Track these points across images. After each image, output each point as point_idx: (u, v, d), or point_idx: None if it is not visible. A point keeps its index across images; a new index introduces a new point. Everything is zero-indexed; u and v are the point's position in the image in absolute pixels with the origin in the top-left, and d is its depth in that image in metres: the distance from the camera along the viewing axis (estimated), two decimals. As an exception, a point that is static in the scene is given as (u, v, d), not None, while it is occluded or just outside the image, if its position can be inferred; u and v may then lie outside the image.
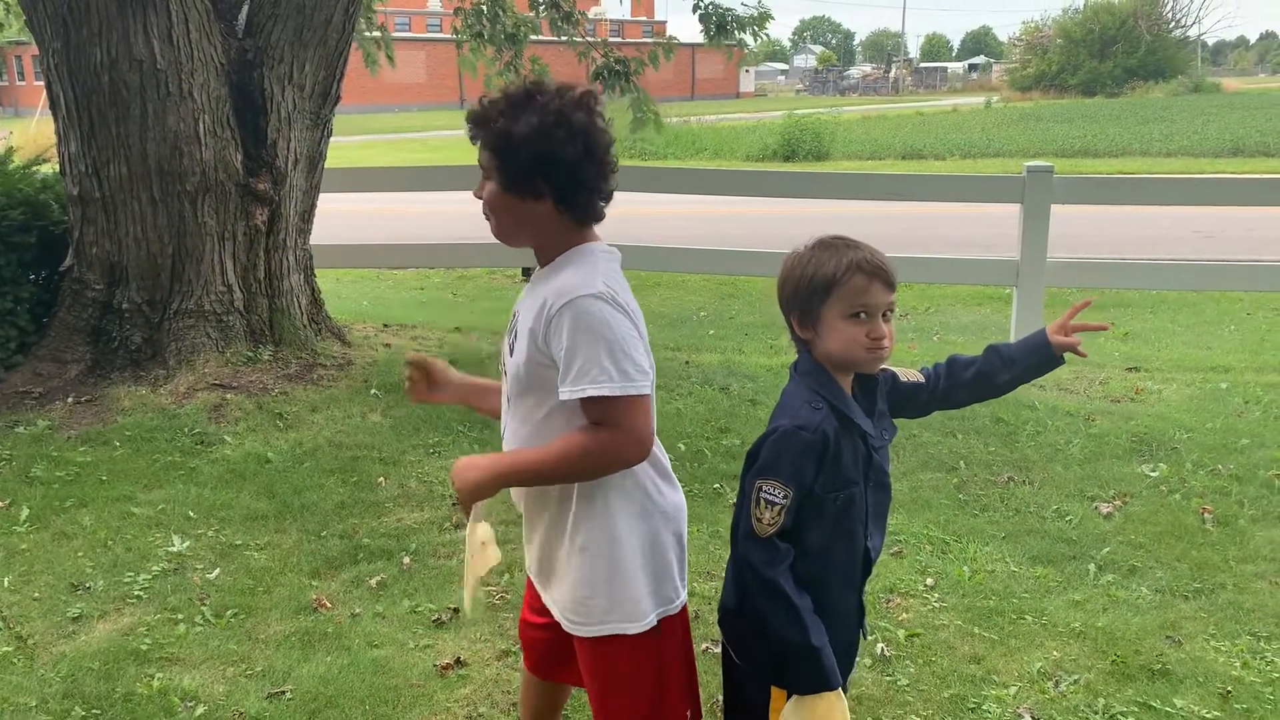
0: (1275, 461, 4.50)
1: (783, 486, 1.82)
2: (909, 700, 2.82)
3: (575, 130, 1.80)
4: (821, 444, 1.82)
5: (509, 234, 1.93)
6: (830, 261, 1.84)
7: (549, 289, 1.82)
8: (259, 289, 5.49)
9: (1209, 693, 2.85)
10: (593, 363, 1.75)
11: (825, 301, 1.84)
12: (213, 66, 5.19)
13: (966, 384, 2.09)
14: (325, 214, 6.11)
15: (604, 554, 1.91)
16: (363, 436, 4.69)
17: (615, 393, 1.75)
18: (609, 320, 1.77)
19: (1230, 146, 22.16)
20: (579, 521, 1.91)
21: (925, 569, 3.58)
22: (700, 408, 5.22)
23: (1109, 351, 6.73)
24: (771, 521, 1.82)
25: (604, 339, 1.76)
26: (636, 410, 1.79)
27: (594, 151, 1.82)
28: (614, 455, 1.82)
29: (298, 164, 5.60)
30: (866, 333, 1.83)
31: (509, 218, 1.89)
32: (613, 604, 1.92)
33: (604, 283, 1.80)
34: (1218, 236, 10.85)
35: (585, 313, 1.76)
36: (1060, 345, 2.07)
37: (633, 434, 1.80)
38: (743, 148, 23.79)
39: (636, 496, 1.92)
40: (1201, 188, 7.81)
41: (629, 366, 1.77)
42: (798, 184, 7.49)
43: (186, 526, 3.83)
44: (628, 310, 1.81)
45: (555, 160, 1.79)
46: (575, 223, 1.88)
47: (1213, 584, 3.48)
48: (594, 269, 1.84)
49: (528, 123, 1.79)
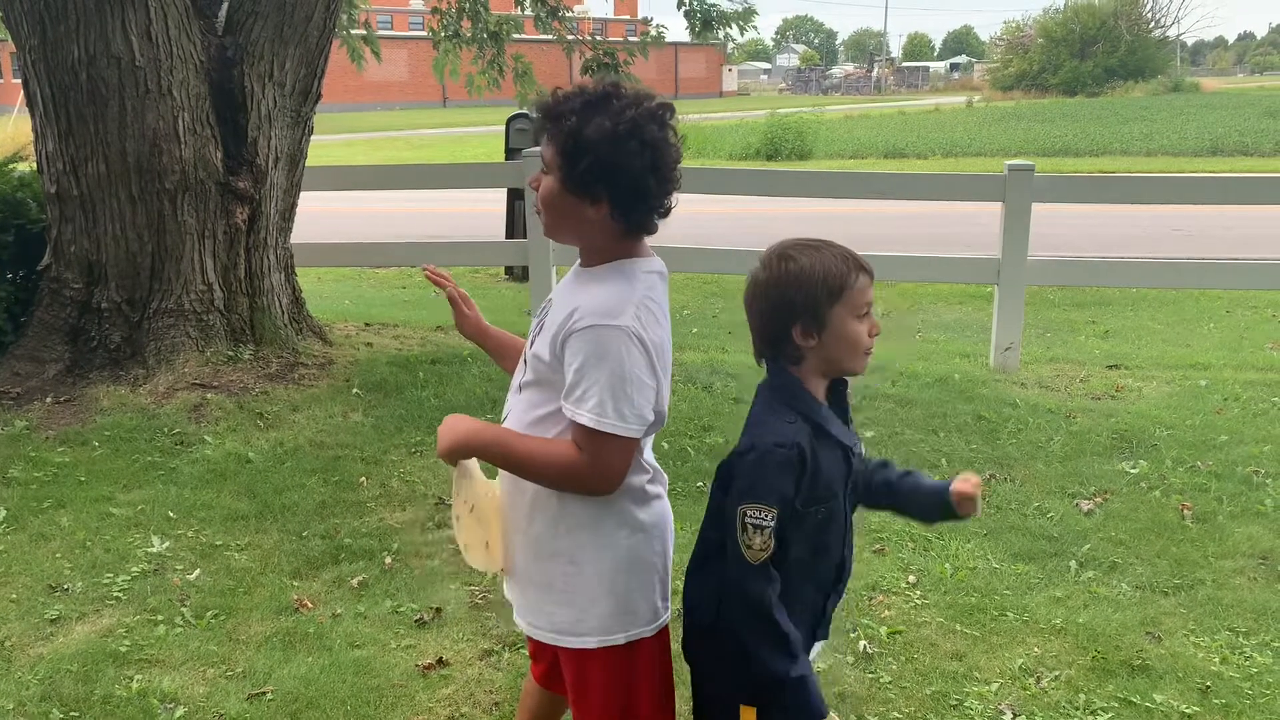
0: (1254, 458, 4.53)
1: (768, 508, 1.77)
2: (891, 697, 2.83)
3: (646, 143, 1.75)
4: (799, 459, 1.78)
5: (559, 231, 1.88)
6: (833, 264, 1.81)
7: (584, 300, 1.79)
8: (239, 288, 5.46)
9: (1188, 688, 2.87)
10: (593, 393, 1.74)
11: (836, 304, 1.80)
12: (192, 64, 5.15)
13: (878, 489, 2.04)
14: (307, 213, 6.08)
15: (580, 564, 1.89)
16: (344, 436, 4.66)
17: (602, 429, 1.75)
18: (623, 357, 1.74)
19: (1209, 146, 22.32)
20: (552, 527, 1.89)
21: (907, 566, 3.59)
22: (683, 406, 5.21)
23: (1089, 349, 6.77)
24: (763, 546, 1.77)
25: (612, 374, 1.74)
26: (616, 451, 1.78)
27: (660, 167, 1.78)
28: (579, 481, 1.81)
29: (278, 162, 5.57)
30: (868, 331, 1.83)
31: (562, 217, 1.84)
32: (581, 617, 1.90)
33: (634, 314, 1.76)
34: (1197, 235, 10.93)
35: (601, 343, 1.74)
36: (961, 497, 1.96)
37: (602, 471, 1.80)
38: (726, 147, 23.81)
39: (623, 510, 1.89)
40: (1181, 186, 7.85)
41: (626, 408, 1.75)
42: (781, 183, 7.50)
43: (166, 527, 3.81)
44: (649, 349, 1.77)
45: (621, 170, 1.75)
46: (626, 231, 1.83)
47: (1192, 580, 3.50)
48: (630, 293, 1.79)
49: (600, 127, 1.73)
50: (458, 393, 5.21)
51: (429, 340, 6.24)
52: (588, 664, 1.94)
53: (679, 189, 1.84)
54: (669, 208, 1.85)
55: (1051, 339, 7.15)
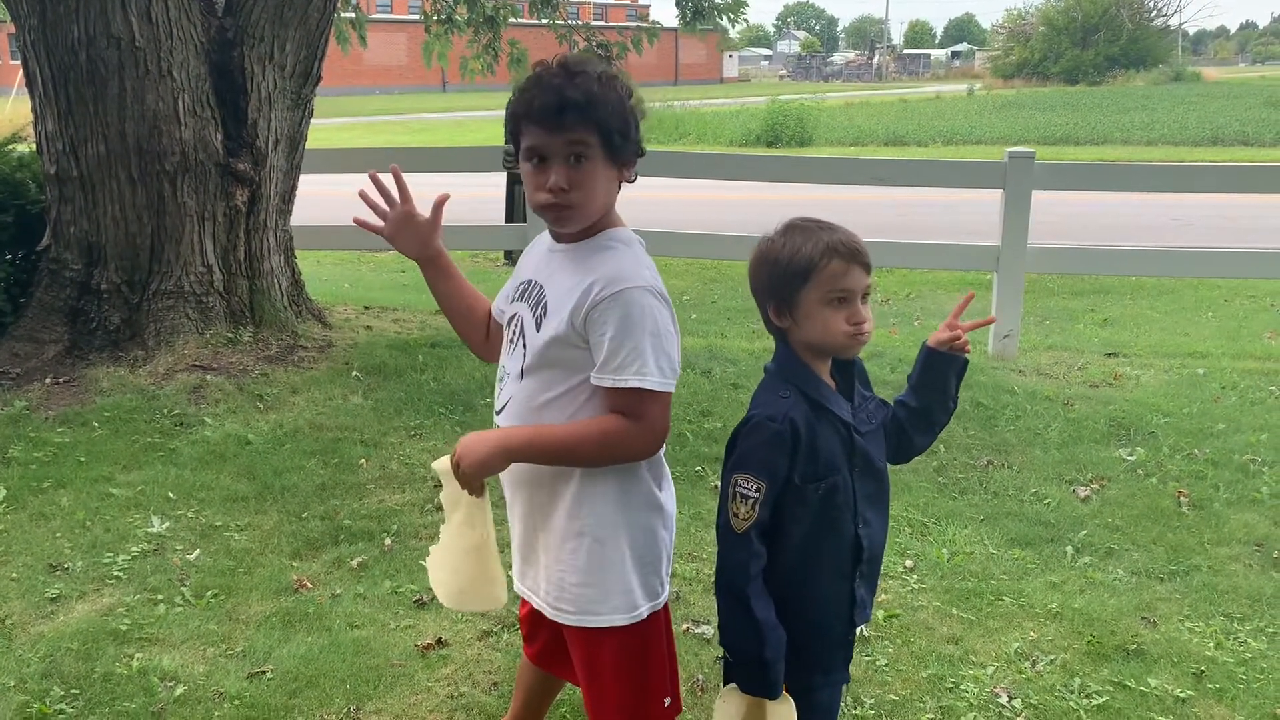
0: (1250, 446, 4.55)
1: (755, 479, 1.80)
2: (887, 680, 2.85)
3: (625, 91, 1.83)
4: (790, 433, 1.80)
5: (589, 212, 1.86)
6: (806, 245, 1.81)
7: (596, 273, 1.80)
8: (239, 270, 5.45)
9: (1183, 672, 2.89)
10: (636, 355, 1.76)
11: (803, 288, 1.81)
12: (192, 45, 5.14)
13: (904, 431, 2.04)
14: (306, 195, 6.07)
15: (601, 543, 1.89)
16: (344, 418, 4.67)
17: (654, 387, 1.78)
18: (656, 315, 1.78)
19: (1210, 135, 22.31)
20: (577, 506, 1.89)
21: (905, 551, 3.61)
22: (682, 391, 5.22)
23: (1088, 337, 6.78)
24: (746, 516, 1.81)
25: (650, 333, 1.77)
26: (662, 408, 1.81)
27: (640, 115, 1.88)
28: (633, 446, 1.83)
29: (278, 144, 5.56)
30: (847, 318, 1.81)
31: (601, 190, 1.84)
32: (606, 594, 1.91)
33: (652, 274, 1.83)
34: (1196, 224, 10.93)
35: (636, 304, 1.77)
36: (940, 343, 1.99)
37: (654, 428, 1.82)
38: (726, 133, 23.77)
39: (638, 488, 1.91)
40: (1181, 175, 7.85)
41: (666, 364, 1.79)
42: (780, 169, 7.49)
43: (166, 507, 3.81)
44: (668, 303, 1.83)
45: (635, 124, 1.84)
46: (617, 189, 1.90)
47: (1188, 566, 3.52)
48: (638, 257, 1.86)
49: (619, 96, 1.81)
50: (457, 376, 5.22)
51: (428, 324, 6.24)
52: (606, 643, 1.95)
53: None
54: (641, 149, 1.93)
55: (1050, 327, 7.16)
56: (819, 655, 1.95)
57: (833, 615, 1.94)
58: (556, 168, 1.80)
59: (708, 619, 3.09)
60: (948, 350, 1.99)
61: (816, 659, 1.95)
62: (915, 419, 2.03)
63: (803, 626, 1.89)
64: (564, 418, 1.86)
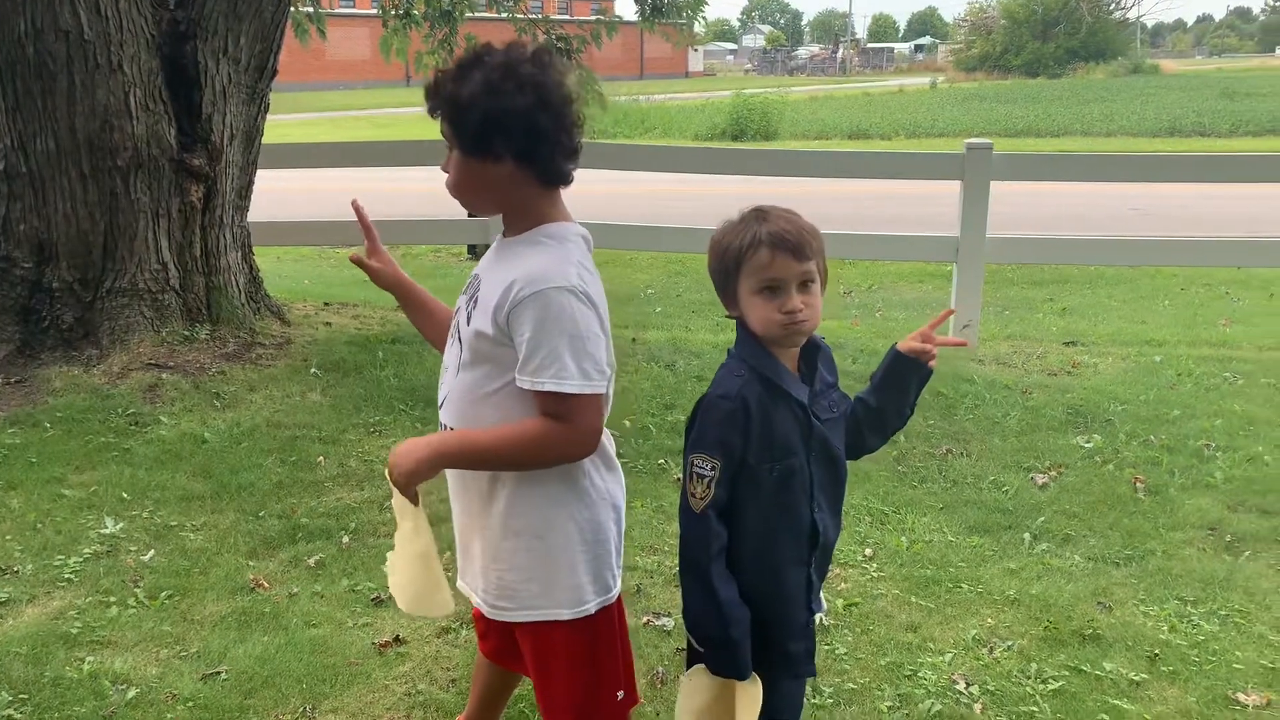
0: (1205, 432, 4.61)
1: (709, 458, 1.80)
2: (846, 668, 2.85)
3: (524, 82, 1.74)
4: (742, 411, 1.80)
5: (476, 203, 1.88)
6: (738, 237, 1.81)
7: (519, 270, 1.77)
8: (195, 267, 5.38)
9: (1137, 656, 2.92)
10: (554, 358, 1.73)
11: (738, 278, 1.82)
12: (143, 38, 5.05)
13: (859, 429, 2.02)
14: (265, 191, 6.00)
15: (541, 539, 1.88)
16: (302, 416, 4.62)
17: (574, 390, 1.74)
18: (575, 316, 1.74)
19: (1167, 127, 22.62)
20: (514, 505, 1.87)
21: (864, 540, 3.62)
22: (646, 384, 5.22)
23: (1046, 326, 6.85)
24: (703, 495, 1.81)
25: (568, 334, 1.74)
26: (590, 408, 1.78)
27: (548, 102, 1.76)
28: (562, 449, 1.80)
29: (234, 139, 5.49)
30: (779, 307, 1.79)
31: (474, 185, 1.83)
32: (550, 589, 1.90)
33: (577, 274, 1.77)
34: (1154, 214, 11.06)
35: (553, 305, 1.73)
36: (910, 350, 1.95)
37: (582, 431, 1.79)
38: (691, 127, 23.79)
39: (578, 482, 1.89)
40: (1137, 165, 7.92)
41: (589, 365, 1.75)
42: (743, 162, 7.50)
43: (120, 508, 3.76)
44: (595, 305, 1.78)
45: (505, 114, 1.73)
46: (541, 185, 1.82)
47: (1143, 551, 3.56)
48: (567, 256, 1.80)
49: (475, 81, 1.74)
50: (418, 372, 5.18)
51: (389, 320, 6.19)
52: (553, 637, 1.94)
53: (581, 127, 1.83)
54: (575, 148, 1.83)
55: (1010, 316, 7.22)
56: (780, 643, 1.94)
57: (792, 602, 1.94)
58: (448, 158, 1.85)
59: (669, 611, 3.08)
60: (914, 357, 1.96)
61: (778, 647, 1.94)
62: (871, 418, 2.01)
63: (763, 613, 1.89)
64: (499, 416, 1.83)
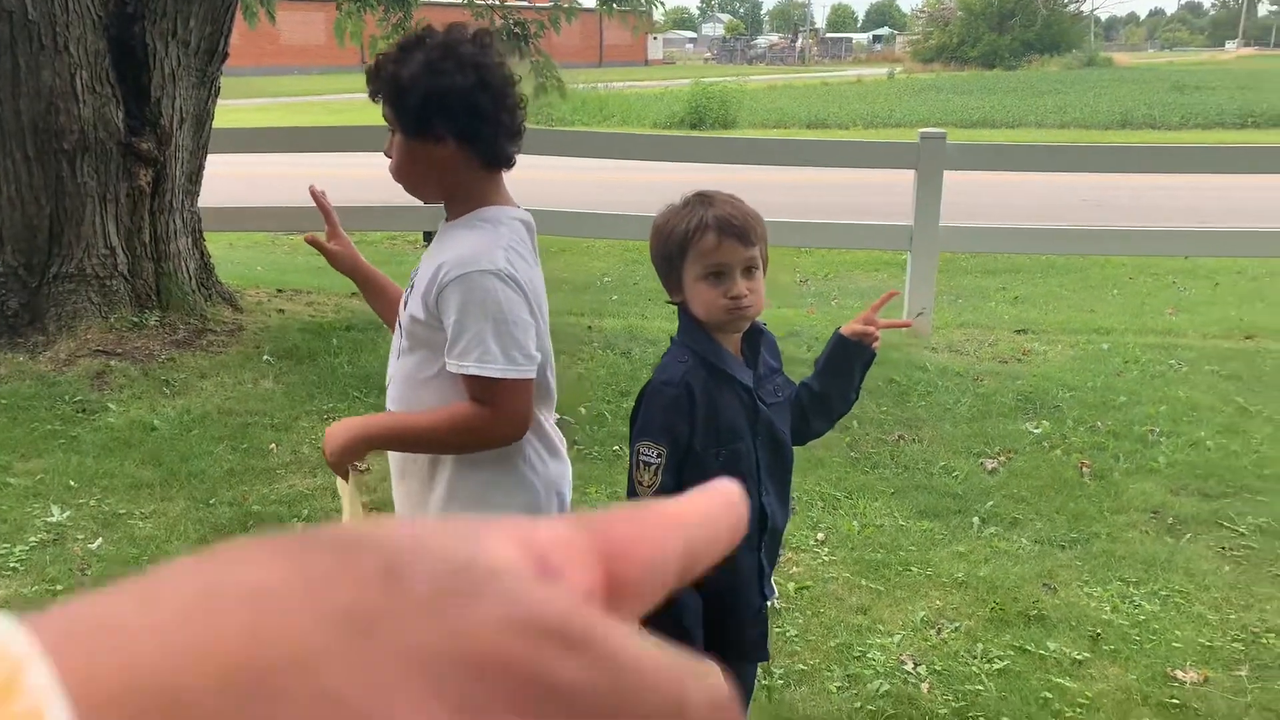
0: (1150, 418, 4.70)
1: (655, 445, 1.80)
2: (796, 650, 2.89)
3: (464, 62, 1.74)
4: (686, 396, 1.80)
5: (418, 186, 1.87)
6: (682, 222, 1.81)
7: (449, 253, 1.77)
8: (144, 252, 5.31)
9: (1080, 635, 2.99)
10: (478, 342, 1.72)
11: (683, 264, 1.81)
12: (90, 19, 4.96)
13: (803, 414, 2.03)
14: (218, 176, 5.93)
15: None
16: (254, 403, 4.58)
17: (496, 374, 1.73)
18: (500, 300, 1.73)
19: (1120, 119, 22.96)
20: (453, 490, 1.87)
21: (817, 524, 3.66)
22: (601, 372, 5.23)
23: (998, 314, 6.94)
24: (650, 483, 1.80)
25: (492, 318, 1.73)
26: (516, 393, 1.77)
27: (489, 82, 1.76)
28: (488, 434, 1.79)
29: (184, 123, 5.41)
30: (723, 292, 1.79)
31: (415, 167, 1.83)
32: None
33: (505, 257, 1.76)
34: (1106, 204, 11.23)
35: (477, 288, 1.72)
36: (853, 333, 1.96)
37: (508, 416, 1.78)
38: (650, 115, 23.78)
39: (518, 467, 1.88)
40: (1087, 155, 8.04)
41: (514, 349, 1.74)
42: (698, 150, 7.52)
43: (67, 496, 3.70)
44: (523, 288, 1.77)
45: (446, 94, 1.73)
46: (483, 167, 1.81)
47: (1088, 534, 3.63)
48: (496, 239, 1.78)
49: (415, 62, 1.74)
50: (372, 359, 5.14)
51: (343, 306, 6.14)
52: None
53: (524, 109, 1.83)
54: (519, 129, 1.83)
55: (963, 305, 7.31)
56: (734, 629, 1.95)
57: (744, 588, 1.94)
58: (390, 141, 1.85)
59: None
60: (858, 341, 1.96)
61: (732, 633, 1.95)
62: (815, 403, 2.02)
63: (716, 601, 1.89)
64: (438, 400, 1.82)
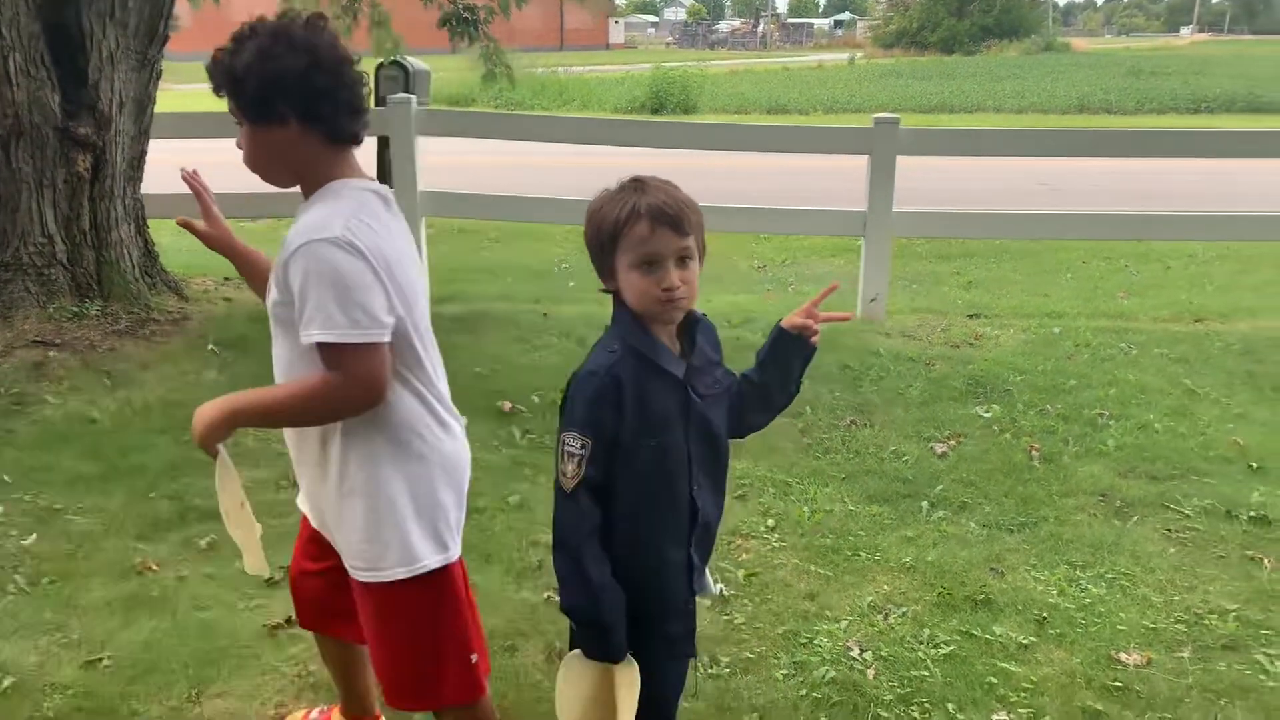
0: (1099, 401, 4.73)
1: (579, 436, 1.76)
2: (744, 638, 2.88)
3: (296, 44, 1.79)
4: (613, 388, 1.76)
5: (270, 171, 1.90)
6: (615, 209, 1.76)
7: (293, 230, 1.81)
8: (84, 240, 5.18)
9: (1026, 619, 2.99)
10: (320, 309, 1.74)
11: (615, 252, 1.77)
12: (22, 1, 4.82)
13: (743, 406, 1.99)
14: (163, 163, 5.79)
15: (372, 498, 1.90)
16: (198, 394, 4.44)
17: (339, 339, 1.75)
18: (339, 266, 1.74)
19: (1076, 104, 23.18)
20: (344, 465, 1.90)
21: (767, 511, 3.65)
22: (556, 359, 5.18)
23: (952, 299, 6.97)
24: (574, 475, 1.77)
25: (332, 285, 1.74)
26: (365, 358, 1.78)
27: (321, 60, 1.80)
28: (341, 400, 1.80)
29: (124, 107, 5.28)
30: (656, 282, 1.74)
31: (264, 154, 1.86)
32: (385, 550, 1.91)
33: (344, 225, 1.77)
34: (1061, 189, 11.32)
35: (316, 257, 1.75)
36: (793, 326, 1.91)
37: (360, 381, 1.79)
38: (611, 100, 23.66)
39: (405, 440, 1.90)
40: (1037, 140, 8.09)
41: (359, 314, 1.75)
42: (653, 134, 7.48)
43: (1, 491, 3.61)
44: (366, 255, 1.77)
45: (281, 75, 1.78)
46: (329, 144, 1.85)
47: (1036, 518, 3.64)
48: (338, 209, 1.81)
49: (248, 51, 1.79)
50: (321, 348, 5.06)
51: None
52: (393, 597, 1.94)
53: (366, 85, 1.87)
54: (360, 105, 1.86)
55: (917, 290, 7.33)
56: (660, 624, 1.92)
57: (671, 582, 1.91)
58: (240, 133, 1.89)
59: (568, 586, 3.07)
60: (798, 334, 1.92)
61: (657, 628, 1.91)
62: (755, 396, 1.98)
63: (642, 593, 1.86)
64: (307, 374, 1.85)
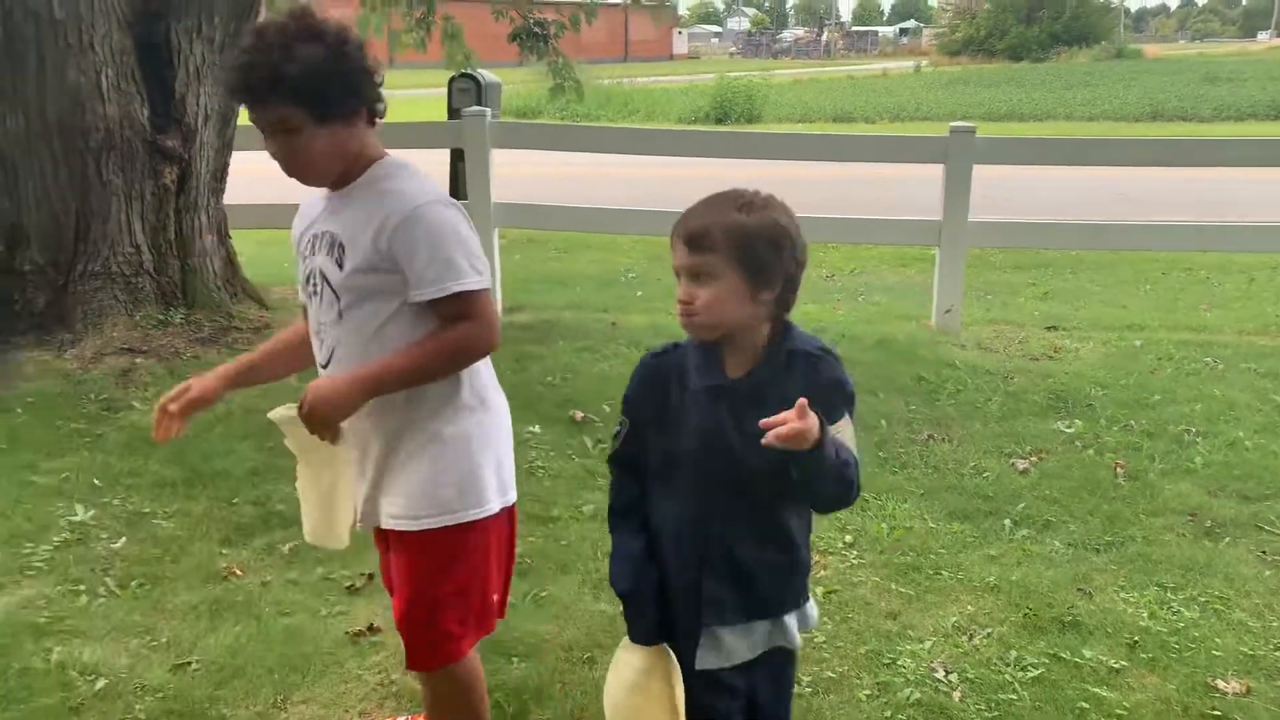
0: (1185, 417, 4.60)
1: (624, 415, 1.86)
2: (825, 657, 2.84)
3: (343, 39, 1.89)
4: (650, 375, 1.83)
5: (330, 171, 1.96)
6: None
7: (385, 200, 1.90)
8: (169, 250, 5.32)
9: (1117, 643, 2.91)
10: (448, 264, 1.88)
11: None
12: (114, 17, 4.97)
13: None
14: (246, 174, 5.92)
15: (454, 442, 1.99)
16: (278, 401, 4.53)
17: (475, 287, 1.90)
18: (455, 223, 1.92)
19: (1150, 111, 22.66)
20: (434, 413, 1.99)
21: (845, 526, 3.60)
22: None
23: (1028, 311, 6.84)
24: (613, 448, 1.88)
25: (456, 240, 1.90)
26: (488, 300, 1.94)
27: (359, 47, 1.92)
28: (477, 344, 1.94)
29: (209, 120, 5.41)
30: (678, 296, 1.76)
31: (339, 148, 1.92)
32: (462, 492, 1.99)
33: (433, 186, 1.95)
34: (1139, 200, 11.05)
35: (436, 218, 1.89)
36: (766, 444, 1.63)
37: (491, 323, 1.93)
38: (675, 110, 23.69)
39: (480, 393, 2.04)
40: (1119, 149, 7.92)
41: (479, 263, 1.92)
42: (722, 145, 7.46)
43: (91, 495, 3.70)
44: (460, 210, 1.95)
45: (353, 73, 1.89)
46: (369, 125, 1.97)
47: (1123, 537, 3.55)
48: (423, 179, 1.97)
49: (313, 55, 1.83)
50: (396, 357, 5.12)
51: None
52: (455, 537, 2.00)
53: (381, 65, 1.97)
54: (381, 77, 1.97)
55: (992, 301, 7.21)
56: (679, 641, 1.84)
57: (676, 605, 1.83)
58: (268, 140, 1.92)
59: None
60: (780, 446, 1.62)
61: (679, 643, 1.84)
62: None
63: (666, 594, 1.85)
64: (398, 342, 1.92)
